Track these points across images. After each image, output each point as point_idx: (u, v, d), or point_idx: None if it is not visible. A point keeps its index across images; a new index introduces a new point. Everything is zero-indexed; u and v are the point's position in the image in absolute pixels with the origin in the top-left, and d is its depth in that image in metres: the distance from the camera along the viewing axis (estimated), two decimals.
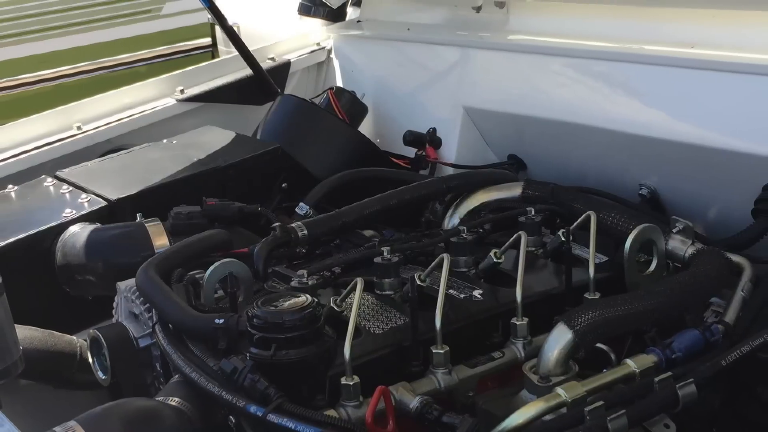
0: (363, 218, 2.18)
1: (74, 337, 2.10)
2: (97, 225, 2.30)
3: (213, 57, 6.32)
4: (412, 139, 2.91)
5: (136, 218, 2.30)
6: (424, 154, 2.88)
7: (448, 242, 2.03)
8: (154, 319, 1.83)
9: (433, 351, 1.67)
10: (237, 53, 3.23)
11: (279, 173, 2.66)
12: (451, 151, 2.89)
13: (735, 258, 1.93)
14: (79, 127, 2.94)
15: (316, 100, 3.11)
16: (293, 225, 2.08)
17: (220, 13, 3.32)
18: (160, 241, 2.20)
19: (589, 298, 1.81)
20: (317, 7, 3.56)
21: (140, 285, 1.86)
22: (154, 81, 3.17)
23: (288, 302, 1.59)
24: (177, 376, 1.70)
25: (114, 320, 2.03)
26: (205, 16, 6.22)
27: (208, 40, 6.76)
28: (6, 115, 4.29)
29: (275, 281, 1.98)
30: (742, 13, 2.21)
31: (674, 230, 1.98)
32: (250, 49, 3.22)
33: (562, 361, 1.61)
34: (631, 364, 1.62)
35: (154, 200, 2.41)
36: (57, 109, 2.97)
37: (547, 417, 1.51)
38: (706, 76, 2.25)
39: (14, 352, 1.78)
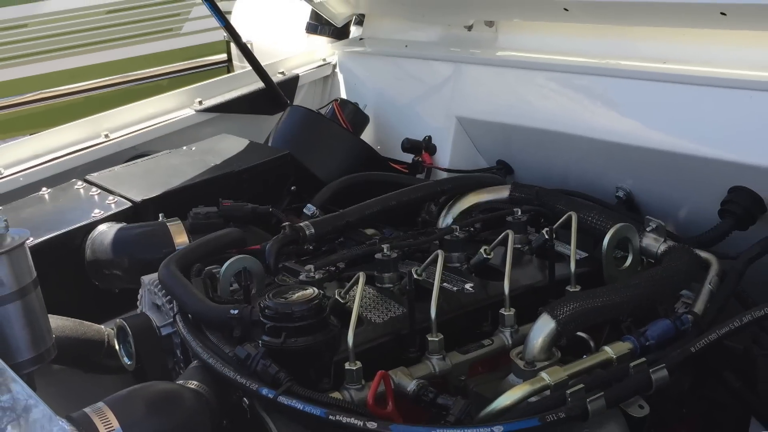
0: (365, 218, 2.18)
1: (102, 326, 2.10)
2: (123, 224, 2.30)
3: (228, 71, 6.32)
4: (409, 146, 2.91)
5: (159, 218, 2.29)
6: (420, 159, 2.88)
7: (443, 240, 2.03)
8: (175, 309, 1.83)
9: (429, 339, 1.67)
10: (250, 68, 3.22)
11: (288, 177, 2.66)
12: (445, 157, 2.89)
13: (703, 254, 1.94)
14: (107, 135, 2.93)
15: (322, 111, 3.11)
16: (301, 224, 2.08)
17: (234, 31, 3.32)
18: (180, 238, 2.20)
19: (571, 290, 1.81)
20: (323, 26, 3.57)
21: (162, 279, 1.87)
22: (174, 93, 3.17)
23: (297, 294, 1.60)
24: (196, 361, 1.70)
25: (138, 311, 2.03)
26: (221, 34, 6.22)
27: (223, 56, 6.76)
28: (41, 124, 4.29)
29: (285, 275, 1.98)
30: (709, 32, 2.21)
31: (648, 229, 1.98)
32: (262, 64, 3.22)
33: (545, 348, 1.61)
34: (609, 351, 1.62)
35: (174, 201, 2.41)
36: (87, 118, 2.97)
37: (533, 399, 1.51)
38: (677, 89, 2.25)
39: (48, 340, 1.78)
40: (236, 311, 1.64)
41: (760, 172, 2.03)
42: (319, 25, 3.58)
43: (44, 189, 2.57)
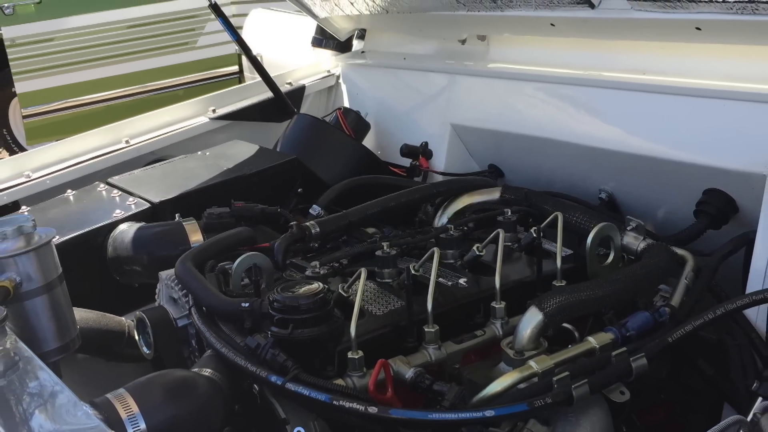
0: (366, 218, 2.18)
1: (123, 318, 2.10)
2: (142, 223, 2.30)
3: (240, 82, 6.33)
4: (407, 151, 2.91)
5: (175, 218, 2.29)
6: (417, 163, 2.88)
7: (438, 238, 2.02)
8: (191, 302, 1.83)
9: (425, 330, 1.67)
10: (260, 79, 3.22)
11: (295, 180, 2.65)
12: (440, 161, 2.89)
13: (679, 251, 1.94)
14: (127, 141, 2.93)
15: (327, 119, 3.11)
16: (307, 224, 2.08)
17: (246, 45, 3.32)
18: (195, 237, 2.20)
19: (557, 285, 1.81)
20: (327, 40, 3.56)
21: (179, 274, 1.86)
22: (190, 102, 3.17)
23: (303, 289, 1.60)
24: (209, 351, 1.70)
25: (156, 304, 2.03)
26: (234, 48, 6.23)
27: (235, 68, 6.78)
28: (66, 130, 4.30)
29: (292, 271, 1.98)
30: (685, 45, 2.21)
31: (628, 228, 1.98)
32: (271, 75, 3.22)
33: (533, 338, 1.61)
34: (592, 341, 1.62)
35: (190, 203, 2.40)
36: (108, 125, 2.97)
37: (522, 385, 1.51)
38: (655, 98, 2.25)
39: (72, 331, 1.79)
40: (247, 304, 1.64)
41: (732, 175, 2.03)
42: (323, 39, 3.58)
43: (69, 191, 2.57)
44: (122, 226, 2.29)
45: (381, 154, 3.04)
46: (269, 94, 3.23)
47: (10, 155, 6.56)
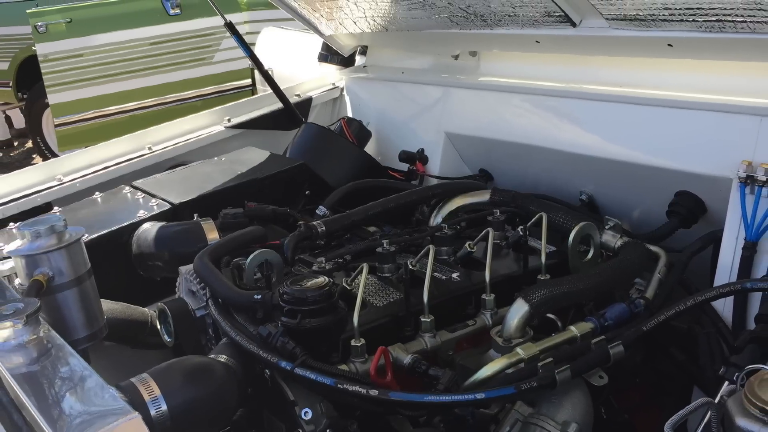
0: (368, 218, 2.18)
1: (146, 309, 2.10)
2: (163, 223, 2.30)
3: (252, 94, 6.32)
4: (405, 157, 2.91)
5: (194, 218, 2.29)
6: (414, 168, 2.88)
7: (433, 236, 2.02)
8: (208, 295, 1.83)
9: (422, 319, 1.67)
10: (271, 91, 3.22)
11: (303, 183, 2.65)
12: (435, 166, 2.89)
13: (653, 248, 1.94)
14: (150, 148, 2.93)
15: (332, 127, 3.10)
16: (314, 223, 2.08)
17: (258, 60, 3.32)
18: (212, 235, 2.20)
19: (541, 279, 1.81)
20: (332, 56, 3.56)
21: (197, 269, 1.86)
22: (207, 112, 3.17)
23: (310, 282, 1.60)
24: (225, 339, 1.70)
25: (177, 296, 2.03)
26: (247, 63, 6.22)
27: (248, 81, 6.77)
28: (95, 138, 4.29)
29: (300, 266, 1.98)
30: (658, 61, 2.21)
31: (607, 227, 1.98)
32: (281, 87, 3.22)
33: (520, 327, 1.62)
34: (574, 330, 1.62)
35: (207, 204, 2.40)
36: (133, 133, 2.97)
37: (509, 370, 1.51)
38: (631, 109, 2.25)
39: (100, 321, 1.79)
40: (259, 296, 1.64)
41: (702, 178, 2.04)
42: (329, 55, 3.58)
43: (97, 193, 2.57)
44: (145, 225, 2.29)
45: (381, 160, 3.04)
46: (279, 105, 3.23)
47: (43, 160, 6.56)
